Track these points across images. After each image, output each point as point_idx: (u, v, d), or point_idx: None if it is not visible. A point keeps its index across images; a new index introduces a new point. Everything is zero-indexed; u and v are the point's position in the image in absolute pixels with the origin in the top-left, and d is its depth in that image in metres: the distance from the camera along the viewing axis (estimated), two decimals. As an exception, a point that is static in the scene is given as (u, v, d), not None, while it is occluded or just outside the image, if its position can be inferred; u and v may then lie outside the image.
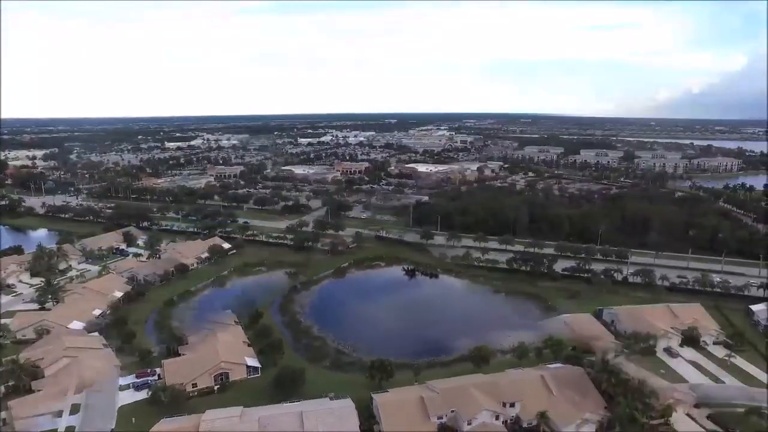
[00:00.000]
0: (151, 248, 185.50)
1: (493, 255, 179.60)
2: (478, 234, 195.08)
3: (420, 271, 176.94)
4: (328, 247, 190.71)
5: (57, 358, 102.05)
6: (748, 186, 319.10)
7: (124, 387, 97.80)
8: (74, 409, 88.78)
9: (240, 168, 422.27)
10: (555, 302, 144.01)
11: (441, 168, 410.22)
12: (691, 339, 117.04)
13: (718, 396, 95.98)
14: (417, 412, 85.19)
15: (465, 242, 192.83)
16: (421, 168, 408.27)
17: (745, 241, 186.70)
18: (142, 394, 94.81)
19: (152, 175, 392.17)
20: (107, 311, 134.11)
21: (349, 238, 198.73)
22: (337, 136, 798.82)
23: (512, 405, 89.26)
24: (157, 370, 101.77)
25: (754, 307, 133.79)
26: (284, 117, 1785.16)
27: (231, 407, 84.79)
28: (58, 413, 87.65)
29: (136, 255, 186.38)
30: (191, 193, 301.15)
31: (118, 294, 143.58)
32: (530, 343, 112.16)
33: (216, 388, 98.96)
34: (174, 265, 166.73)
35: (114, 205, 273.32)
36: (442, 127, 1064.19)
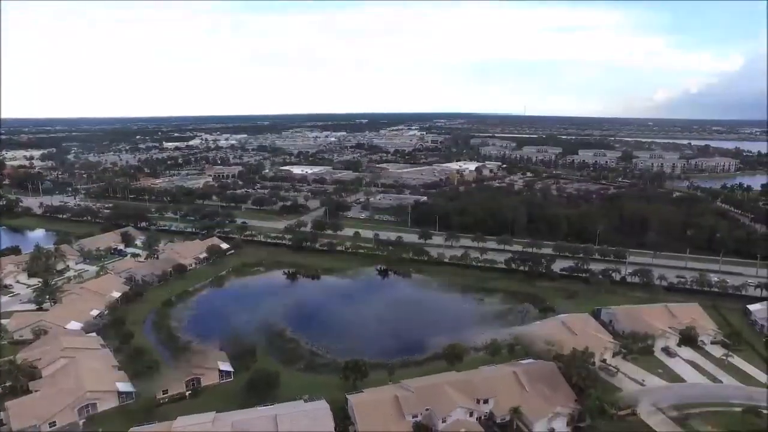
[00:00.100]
0: (149, 248, 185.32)
1: (492, 255, 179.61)
2: (477, 234, 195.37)
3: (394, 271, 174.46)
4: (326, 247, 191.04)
5: (54, 359, 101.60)
6: (745, 186, 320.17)
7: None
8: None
9: (238, 168, 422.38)
10: (553, 302, 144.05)
11: (316, 169, 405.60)
12: (688, 339, 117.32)
13: (716, 395, 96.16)
14: (392, 411, 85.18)
15: (463, 242, 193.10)
16: (296, 170, 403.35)
17: (743, 241, 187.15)
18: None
19: (150, 175, 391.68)
20: (105, 312, 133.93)
21: (348, 242, 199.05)
22: (206, 140, 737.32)
23: (486, 401, 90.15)
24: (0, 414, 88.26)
25: (752, 307, 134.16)
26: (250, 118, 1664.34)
27: (203, 413, 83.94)
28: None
29: (134, 255, 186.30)
30: (189, 193, 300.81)
31: (116, 294, 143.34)
32: (502, 340, 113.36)
33: (81, 422, 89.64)
34: (172, 266, 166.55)
35: (112, 206, 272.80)
36: (413, 127, 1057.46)
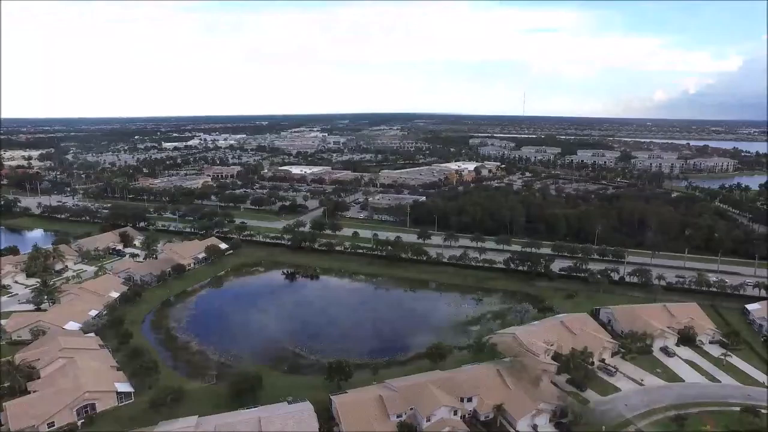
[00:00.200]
0: (147, 248, 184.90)
1: (491, 255, 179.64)
2: (476, 234, 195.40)
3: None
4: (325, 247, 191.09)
5: (53, 359, 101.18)
6: (743, 186, 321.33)
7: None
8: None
9: (237, 168, 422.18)
10: (552, 302, 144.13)
11: (315, 170, 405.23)
12: (687, 338, 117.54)
13: (715, 395, 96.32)
14: (376, 411, 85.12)
15: (462, 242, 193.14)
16: (296, 170, 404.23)
17: (741, 241, 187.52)
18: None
19: (149, 175, 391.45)
20: (104, 312, 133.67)
21: (347, 242, 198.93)
22: (205, 140, 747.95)
23: (469, 400, 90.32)
24: None
25: (750, 307, 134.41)
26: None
27: (185, 417, 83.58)
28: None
29: (133, 255, 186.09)
30: (188, 193, 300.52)
31: (115, 294, 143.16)
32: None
33: (80, 423, 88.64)
34: (171, 266, 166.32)
35: (110, 206, 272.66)
36: (315, 129, 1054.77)
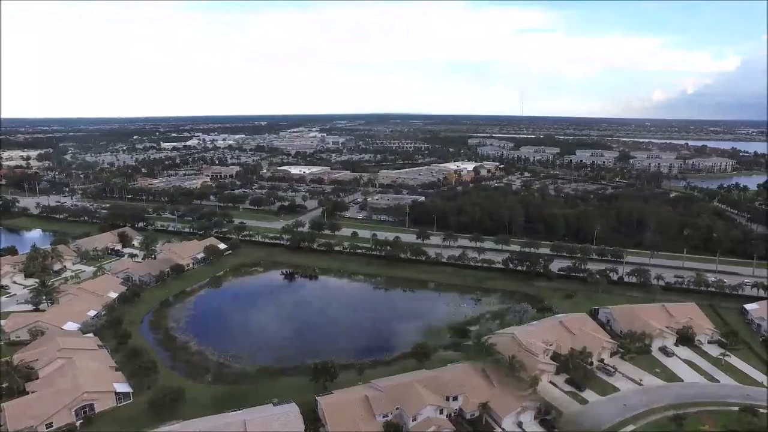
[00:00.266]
0: (146, 249, 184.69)
1: (490, 255, 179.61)
2: (474, 234, 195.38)
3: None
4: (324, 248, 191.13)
5: (51, 360, 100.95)
6: (742, 186, 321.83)
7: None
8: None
9: (236, 168, 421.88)
10: (551, 302, 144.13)
11: (314, 170, 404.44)
12: (686, 338, 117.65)
13: (713, 395, 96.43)
14: (362, 411, 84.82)
15: (461, 242, 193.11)
16: (294, 170, 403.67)
17: (739, 241, 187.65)
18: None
19: (148, 176, 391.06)
20: (102, 312, 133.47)
21: (346, 242, 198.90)
22: (204, 140, 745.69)
23: (455, 398, 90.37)
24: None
25: (749, 306, 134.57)
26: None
27: (169, 422, 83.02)
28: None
29: (132, 255, 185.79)
30: (187, 193, 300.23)
31: (114, 295, 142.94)
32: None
33: (78, 423, 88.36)
34: (169, 266, 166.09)
35: (109, 206, 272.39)
36: (314, 129, 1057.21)
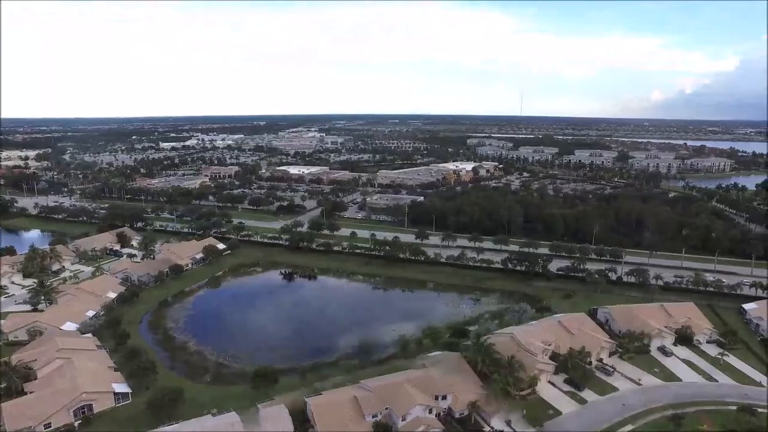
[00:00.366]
0: (145, 249, 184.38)
1: (489, 255, 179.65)
2: (473, 234, 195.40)
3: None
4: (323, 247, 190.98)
5: (50, 360, 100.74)
6: (740, 186, 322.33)
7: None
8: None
9: (235, 168, 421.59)
10: (550, 302, 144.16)
11: (313, 170, 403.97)
12: (684, 338, 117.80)
13: (712, 394, 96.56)
14: (351, 412, 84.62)
15: (460, 242, 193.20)
16: (293, 170, 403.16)
17: (738, 241, 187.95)
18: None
19: (146, 176, 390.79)
20: (101, 312, 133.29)
21: (345, 242, 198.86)
22: (203, 140, 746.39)
23: (444, 398, 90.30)
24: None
25: (747, 306, 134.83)
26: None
27: (168, 423, 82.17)
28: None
29: (130, 256, 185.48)
30: (186, 193, 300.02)
31: (112, 295, 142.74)
32: (411, 334, 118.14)
33: (77, 424, 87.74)
34: (168, 266, 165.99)
35: (108, 206, 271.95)
36: (313, 129, 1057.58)
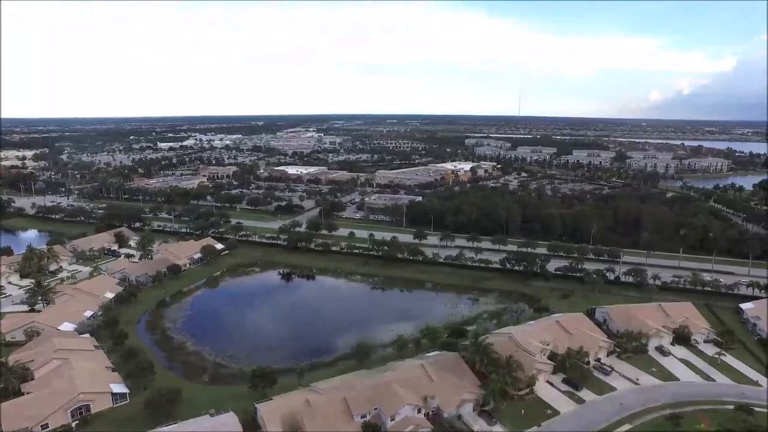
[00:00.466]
0: (143, 249, 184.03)
1: (487, 255, 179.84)
2: (472, 234, 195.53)
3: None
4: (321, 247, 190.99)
5: (47, 360, 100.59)
6: (737, 186, 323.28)
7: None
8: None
9: (233, 168, 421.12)
10: (548, 302, 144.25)
11: (311, 170, 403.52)
12: (682, 337, 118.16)
13: (709, 394, 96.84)
14: (340, 412, 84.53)
15: (458, 242, 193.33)
16: (291, 170, 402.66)
17: (735, 241, 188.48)
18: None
19: (144, 176, 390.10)
20: (99, 312, 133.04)
21: (343, 242, 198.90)
22: (201, 140, 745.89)
23: (433, 397, 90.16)
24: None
25: (744, 306, 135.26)
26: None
27: (166, 423, 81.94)
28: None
29: (128, 256, 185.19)
30: (184, 193, 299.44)
31: (110, 295, 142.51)
32: (409, 334, 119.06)
33: (74, 425, 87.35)
34: (166, 266, 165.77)
35: (105, 206, 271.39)
36: (311, 129, 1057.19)
